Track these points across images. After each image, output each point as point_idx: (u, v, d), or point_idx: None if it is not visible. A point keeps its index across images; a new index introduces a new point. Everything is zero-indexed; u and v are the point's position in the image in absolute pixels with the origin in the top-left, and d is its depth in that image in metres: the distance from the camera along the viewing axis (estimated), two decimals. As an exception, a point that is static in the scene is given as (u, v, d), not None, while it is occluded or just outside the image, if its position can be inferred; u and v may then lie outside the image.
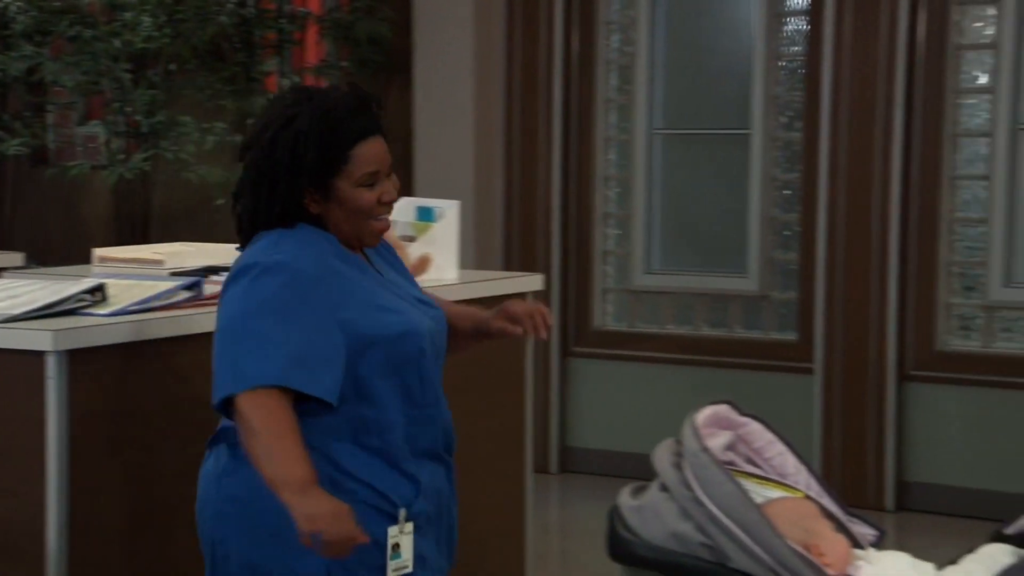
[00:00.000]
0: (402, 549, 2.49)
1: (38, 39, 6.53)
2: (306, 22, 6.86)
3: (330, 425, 2.51)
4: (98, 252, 3.97)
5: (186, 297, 3.17)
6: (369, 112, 2.59)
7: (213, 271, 3.61)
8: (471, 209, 5.74)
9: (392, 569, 2.48)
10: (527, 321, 2.73)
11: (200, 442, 2.65)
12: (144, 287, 3.18)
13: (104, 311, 2.96)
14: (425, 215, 3.71)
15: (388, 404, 2.55)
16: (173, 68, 6.76)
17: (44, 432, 2.73)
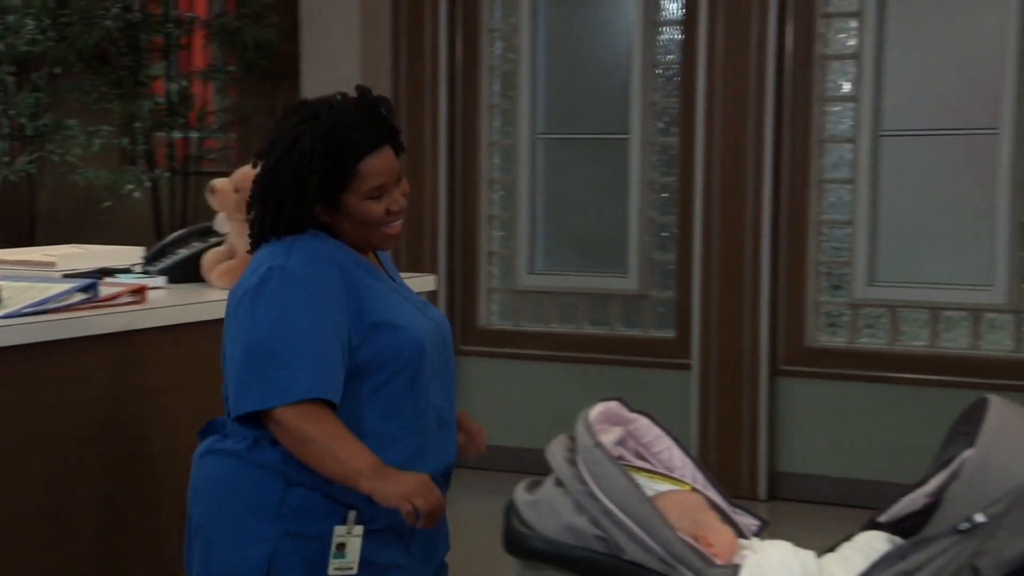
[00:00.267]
0: (347, 550, 2.45)
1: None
2: (192, 27, 6.77)
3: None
4: (-13, 255, 3.89)
5: (82, 299, 3.12)
6: (376, 122, 2.55)
7: (108, 273, 3.55)
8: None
9: (333, 568, 2.45)
10: (471, 437, 2.80)
11: (103, 441, 2.62)
12: (39, 289, 3.12)
13: (-1, 313, 2.91)
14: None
15: (371, 409, 2.53)
16: (58, 71, 6.63)
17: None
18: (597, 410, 2.42)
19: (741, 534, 2.47)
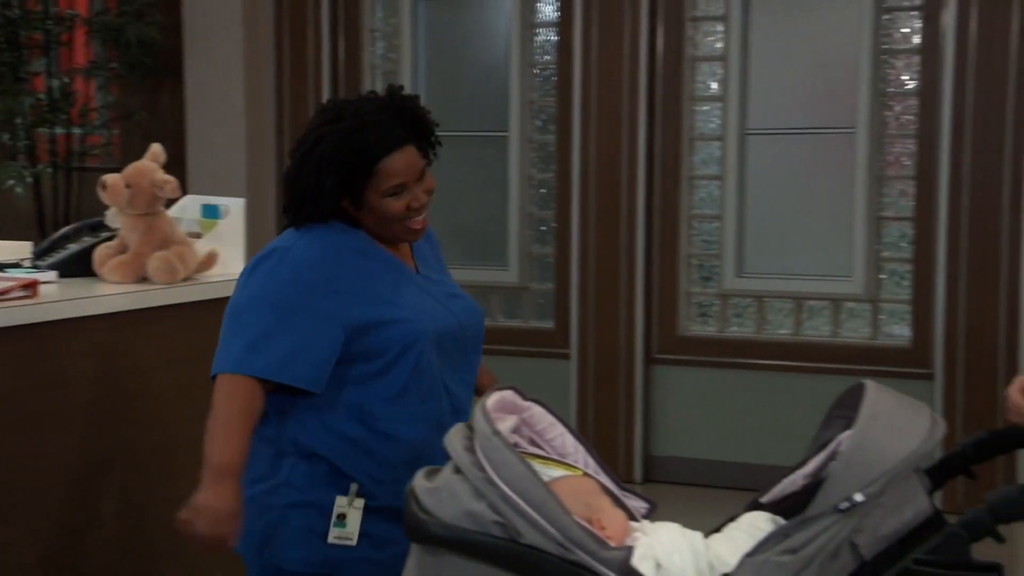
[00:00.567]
0: (348, 520, 2.51)
1: None
2: (74, 24, 6.60)
3: (331, 400, 2.55)
4: None
5: (-25, 295, 3.03)
6: (399, 122, 2.57)
7: (-1, 268, 3.45)
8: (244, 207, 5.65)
9: (334, 536, 2.52)
10: None
11: (20, 432, 2.54)
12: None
13: None
14: (211, 212, 3.62)
15: (375, 388, 2.57)
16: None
17: None
18: (494, 398, 2.41)
19: (632, 517, 2.48)
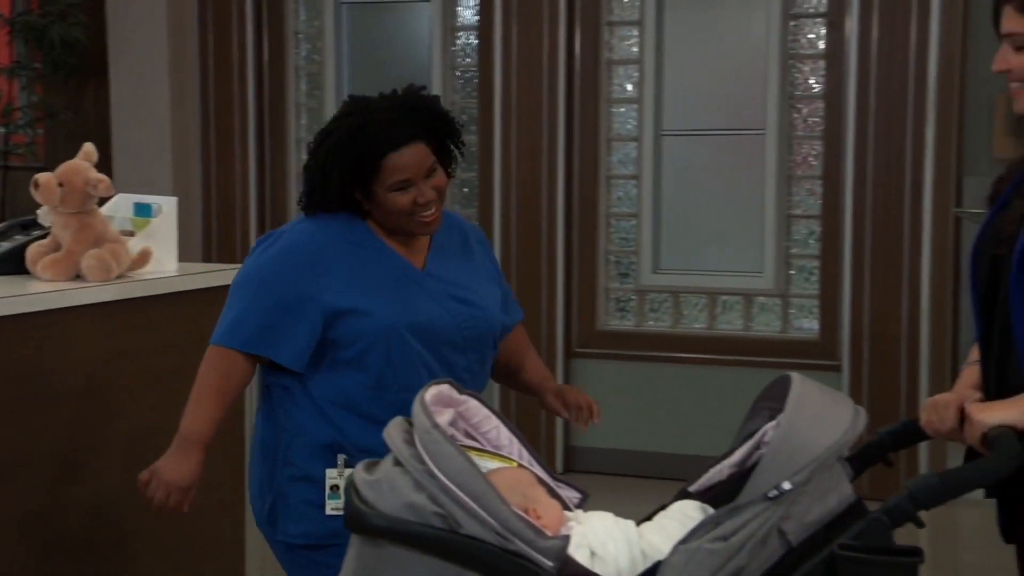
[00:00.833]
0: (341, 491, 2.56)
1: None
2: (-5, 23, 6.46)
3: (319, 382, 2.64)
4: None
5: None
6: (409, 120, 2.58)
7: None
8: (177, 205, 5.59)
9: (330, 508, 2.61)
10: (575, 411, 2.92)
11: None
12: None
13: None
14: (143, 211, 3.55)
15: (353, 375, 2.63)
16: None
17: None
18: (431, 392, 2.39)
19: (565, 506, 2.48)
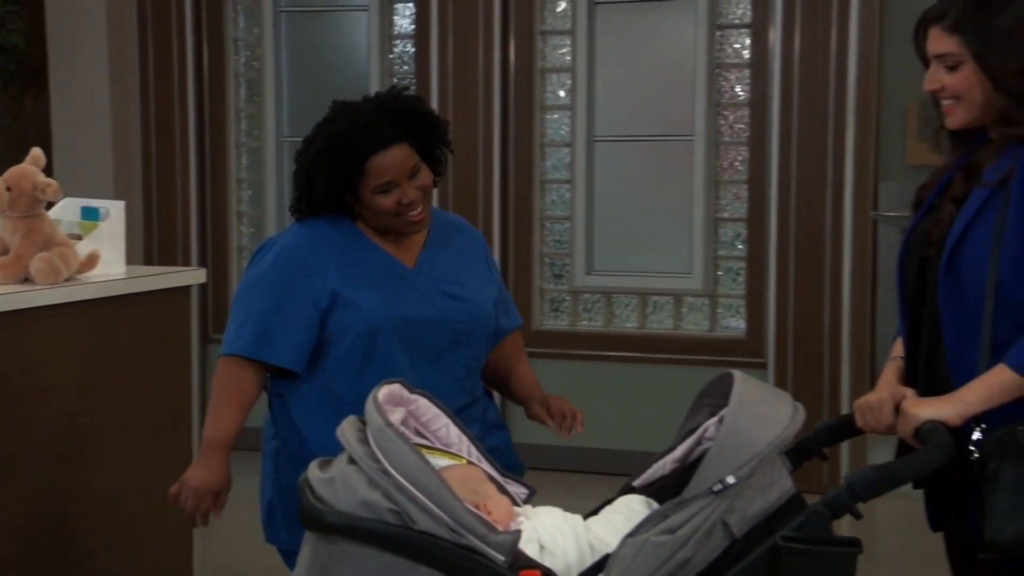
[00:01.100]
0: None
1: None
2: (-66, 30, 6.32)
3: (312, 385, 2.69)
4: None
5: None
6: (391, 122, 2.55)
7: None
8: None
9: None
10: (559, 419, 2.95)
11: None
12: None
13: None
14: (91, 215, 3.49)
15: (339, 372, 2.66)
16: None
17: None
18: (383, 391, 2.37)
19: (514, 502, 2.48)
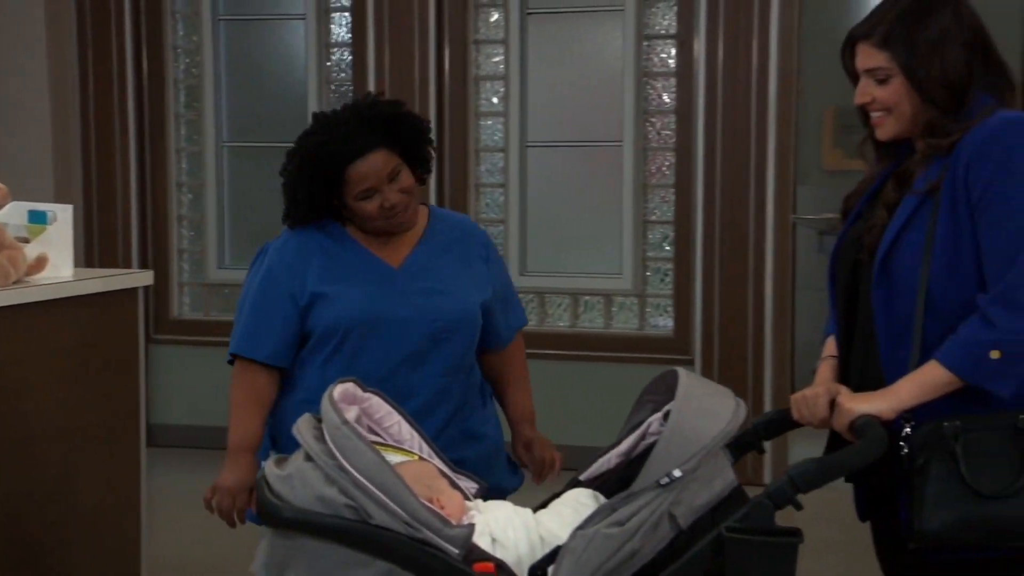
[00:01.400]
0: None
1: None
2: None
3: (293, 383, 2.68)
4: None
5: None
6: (367, 129, 2.52)
7: None
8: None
9: None
10: (537, 466, 2.83)
11: None
12: None
13: None
14: (38, 218, 3.41)
15: (313, 368, 2.66)
16: None
17: None
18: (338, 390, 2.34)
19: (465, 496, 2.46)
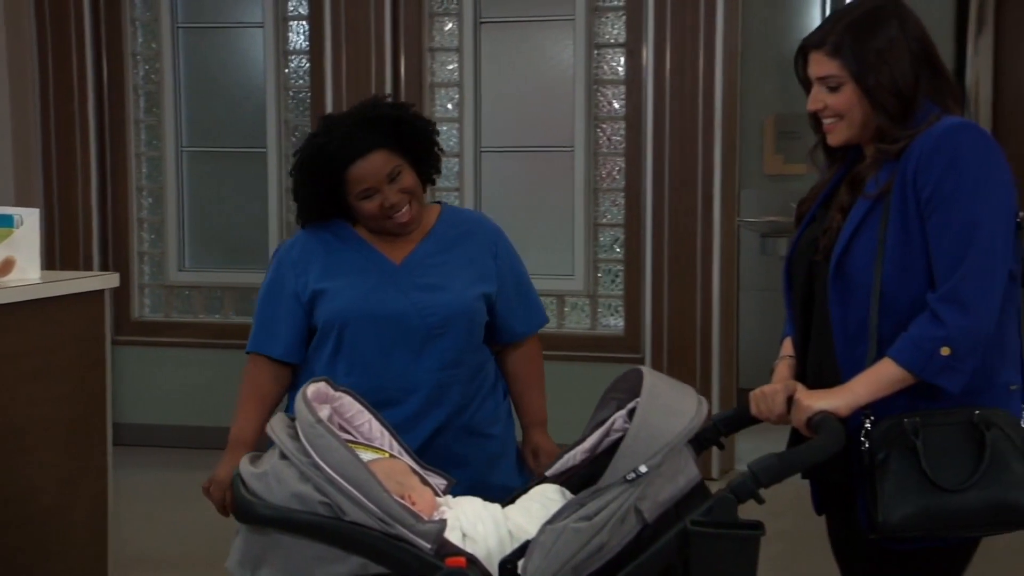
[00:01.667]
0: None
1: None
2: None
3: (300, 379, 2.66)
4: None
5: None
6: (371, 129, 2.50)
7: None
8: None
9: None
10: (541, 472, 2.69)
11: None
12: None
13: None
14: (4, 221, 3.34)
15: (315, 363, 2.65)
16: None
17: None
18: (311, 389, 2.33)
19: (435, 492, 2.45)
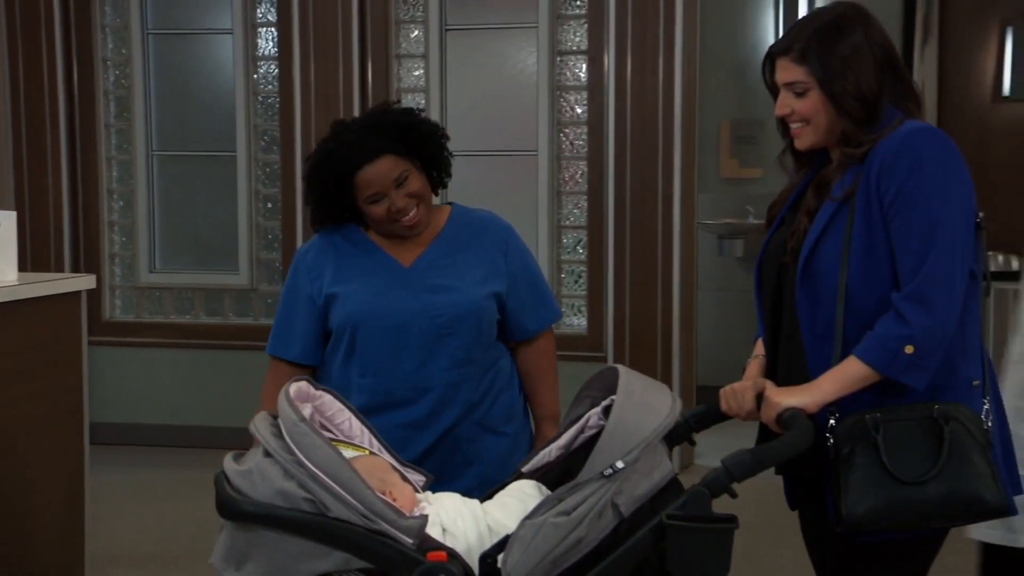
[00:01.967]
0: None
1: None
2: None
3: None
4: None
5: None
6: (379, 134, 2.48)
7: None
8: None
9: None
10: None
11: None
12: None
13: None
14: (-18, 224, 3.29)
15: (331, 362, 2.65)
16: None
17: None
18: (293, 388, 2.30)
19: (415, 489, 2.43)
